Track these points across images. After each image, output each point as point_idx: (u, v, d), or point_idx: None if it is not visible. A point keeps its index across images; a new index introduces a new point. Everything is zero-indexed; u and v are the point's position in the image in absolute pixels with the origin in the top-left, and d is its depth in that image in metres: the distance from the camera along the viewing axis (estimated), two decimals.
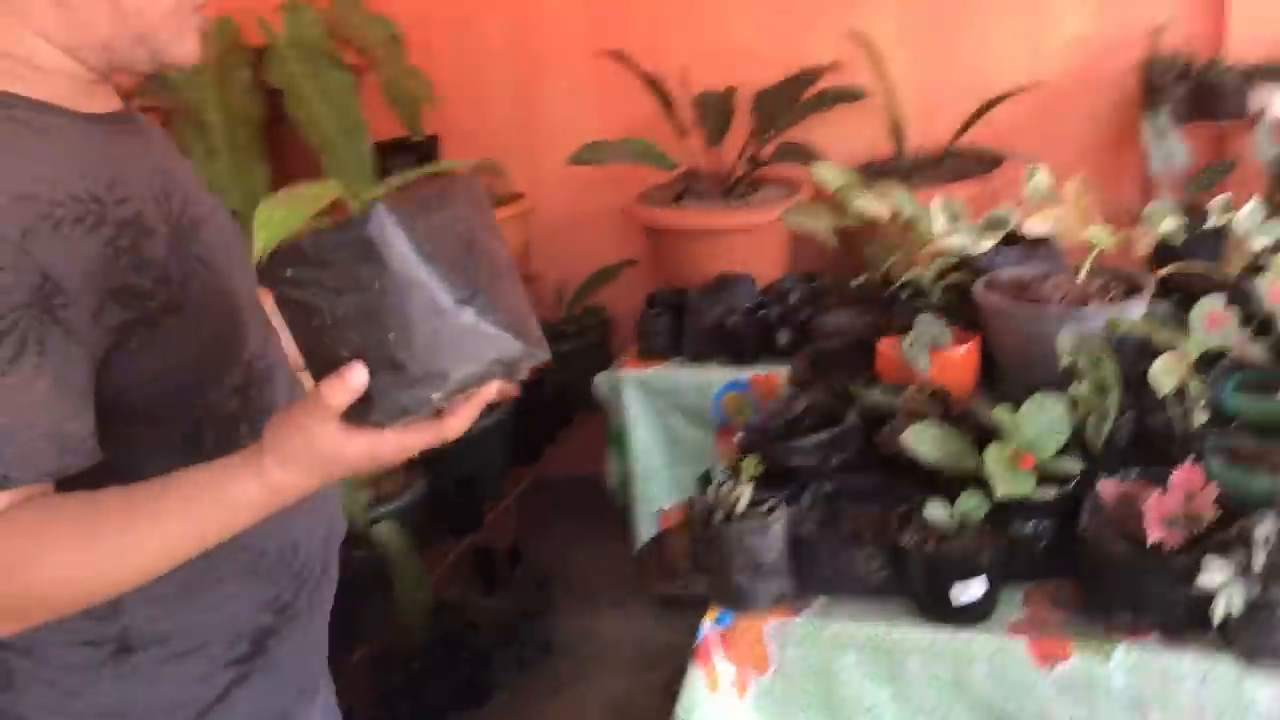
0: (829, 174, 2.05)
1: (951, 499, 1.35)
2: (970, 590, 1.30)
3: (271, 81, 2.38)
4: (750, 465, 1.43)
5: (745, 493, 1.39)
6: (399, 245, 0.77)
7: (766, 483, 1.45)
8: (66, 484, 0.87)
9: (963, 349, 1.71)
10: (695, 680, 1.36)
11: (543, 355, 0.86)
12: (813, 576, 1.40)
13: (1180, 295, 1.81)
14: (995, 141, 2.67)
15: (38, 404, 0.84)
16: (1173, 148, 2.35)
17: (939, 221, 1.75)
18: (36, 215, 0.84)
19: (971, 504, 1.34)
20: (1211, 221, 1.79)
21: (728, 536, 1.35)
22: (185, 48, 0.98)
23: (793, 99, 2.66)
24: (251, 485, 0.85)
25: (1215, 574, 1.15)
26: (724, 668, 1.38)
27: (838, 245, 2.16)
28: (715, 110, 2.74)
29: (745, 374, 2.43)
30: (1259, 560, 1.15)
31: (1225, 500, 1.27)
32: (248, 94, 2.39)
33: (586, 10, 2.98)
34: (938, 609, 1.32)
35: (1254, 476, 1.31)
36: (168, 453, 0.94)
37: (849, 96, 2.64)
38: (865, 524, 1.42)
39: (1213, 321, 1.44)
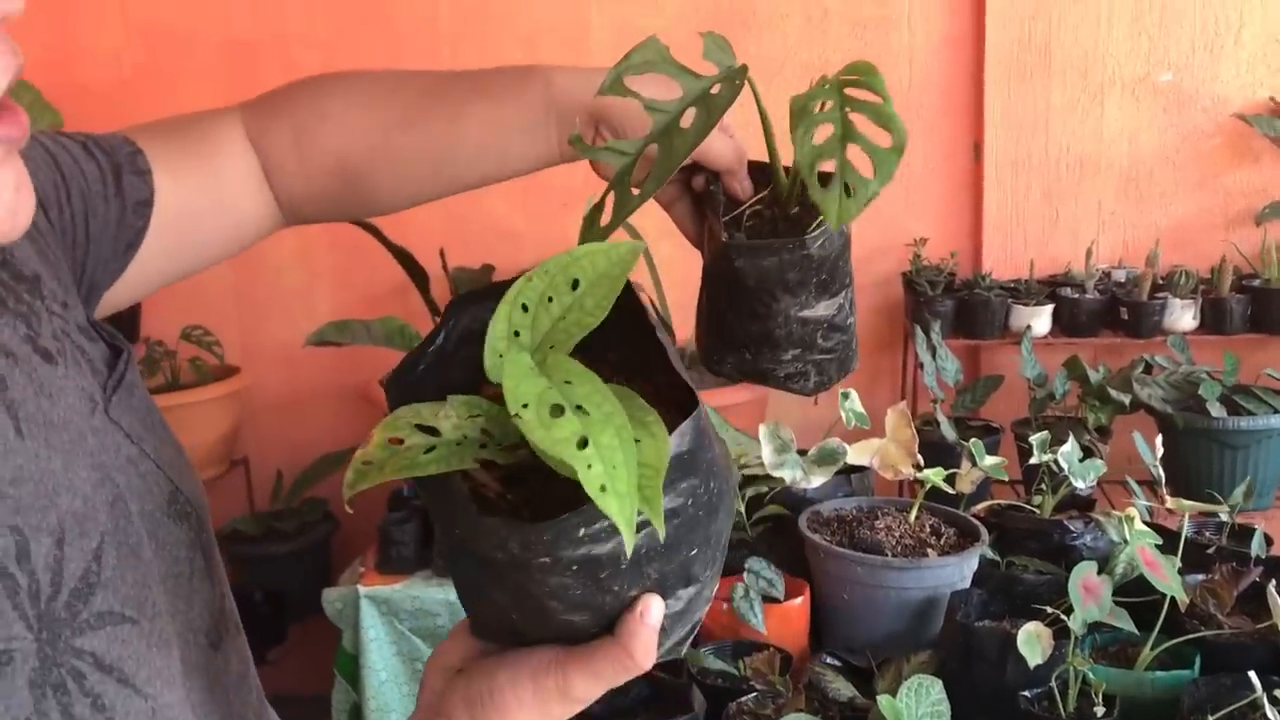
0: None
1: None
2: None
3: None
4: None
5: None
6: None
7: None
8: None
9: (798, 601, 1.52)
10: None
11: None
12: None
13: (1001, 532, 1.71)
14: None
15: None
16: (945, 362, 2.32)
17: (766, 451, 1.58)
18: None
19: None
20: (1033, 459, 1.71)
21: None
22: None
23: None
24: None
25: None
26: None
27: None
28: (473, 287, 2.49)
29: None
30: None
31: None
32: None
33: None
34: None
35: None
36: None
37: None
38: None
39: (1089, 590, 1.31)
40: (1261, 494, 2.20)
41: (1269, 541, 1.69)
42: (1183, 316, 2.42)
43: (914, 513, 1.61)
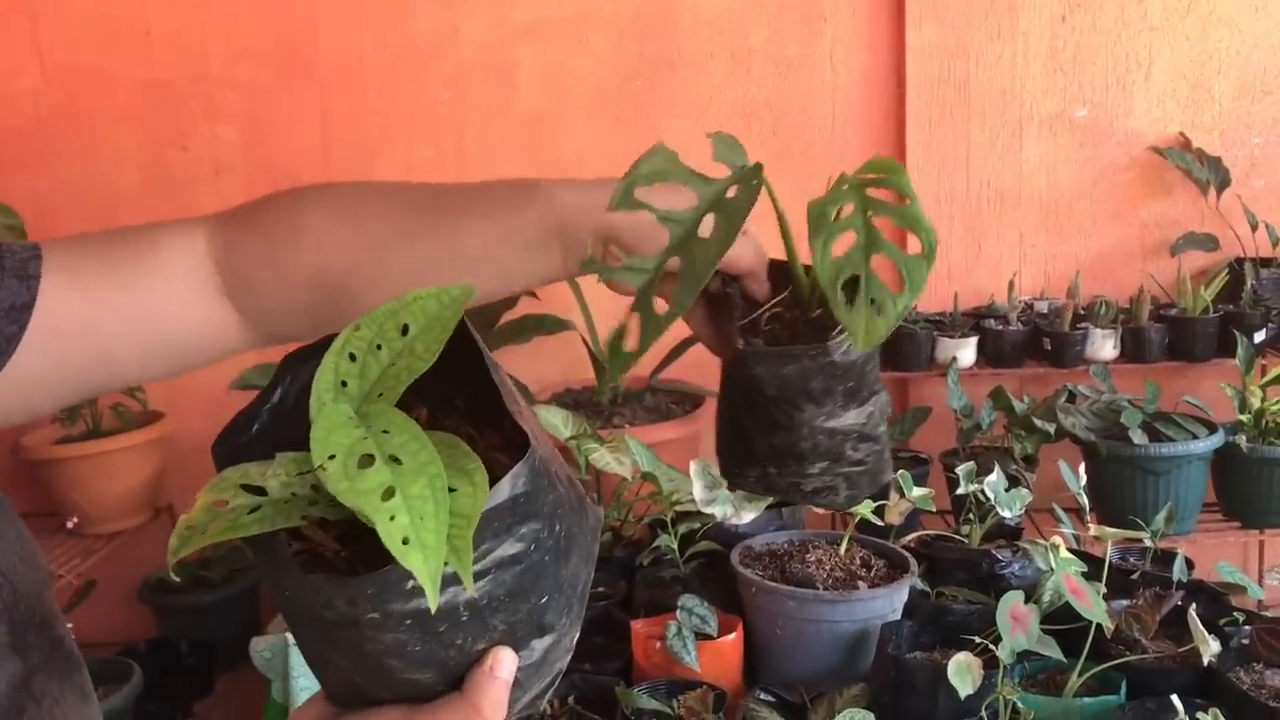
0: (556, 419, 1.84)
1: None
2: None
3: None
4: None
5: None
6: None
7: None
8: None
9: (731, 637, 1.51)
10: None
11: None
12: None
13: (930, 563, 1.73)
14: (688, 376, 2.58)
15: None
16: None
17: (697, 488, 1.58)
18: None
19: None
20: (960, 489, 1.73)
21: None
22: None
23: (487, 325, 2.45)
24: None
25: None
26: None
27: None
28: None
29: None
30: None
31: None
32: None
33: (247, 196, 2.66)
34: None
35: None
36: None
37: (550, 326, 2.47)
38: None
39: (1016, 620, 1.33)
40: (1183, 519, 2.24)
41: (1190, 565, 1.72)
42: (1104, 346, 2.47)
43: (844, 545, 1.62)
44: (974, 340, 2.50)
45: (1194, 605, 1.44)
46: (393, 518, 0.45)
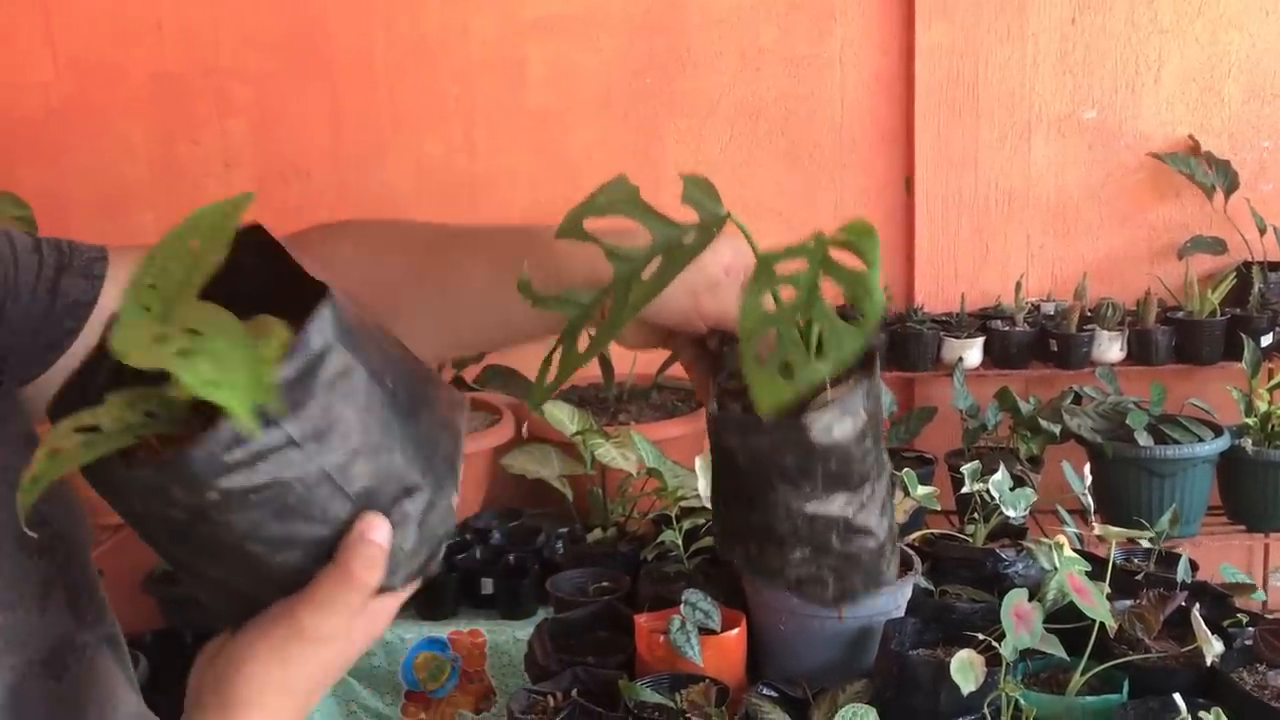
0: (562, 415, 1.85)
1: None
2: None
3: None
4: None
5: None
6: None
7: None
8: None
9: (735, 632, 1.52)
10: None
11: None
12: None
13: (934, 562, 1.73)
14: None
15: None
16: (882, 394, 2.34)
17: (702, 483, 1.58)
18: None
19: None
20: (965, 488, 1.74)
21: None
22: None
23: None
24: None
25: None
26: None
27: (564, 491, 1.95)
28: None
29: (443, 630, 2.11)
30: None
31: None
32: None
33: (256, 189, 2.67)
34: None
35: None
36: None
37: None
38: None
39: (1020, 618, 1.33)
40: (1187, 521, 2.24)
41: (1194, 567, 1.72)
42: (1110, 348, 2.48)
43: None
44: (980, 341, 2.50)
45: (1197, 606, 1.44)
46: (198, 369, 0.46)
